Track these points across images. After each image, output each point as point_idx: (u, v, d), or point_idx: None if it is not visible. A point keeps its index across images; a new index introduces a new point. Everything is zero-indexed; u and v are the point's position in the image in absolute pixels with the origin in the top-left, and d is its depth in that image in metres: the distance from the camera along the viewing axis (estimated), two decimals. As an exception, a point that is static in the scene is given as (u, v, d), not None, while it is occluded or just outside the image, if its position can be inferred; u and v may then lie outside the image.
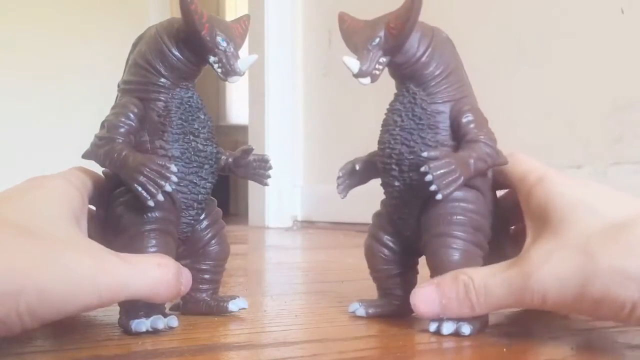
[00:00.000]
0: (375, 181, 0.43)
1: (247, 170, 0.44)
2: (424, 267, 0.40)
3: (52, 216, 0.33)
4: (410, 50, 0.39)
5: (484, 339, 0.36)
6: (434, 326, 0.37)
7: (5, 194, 0.35)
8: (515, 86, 1.10)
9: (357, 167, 0.43)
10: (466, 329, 0.36)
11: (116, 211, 0.39)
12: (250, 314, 0.44)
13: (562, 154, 1.00)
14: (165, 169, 0.37)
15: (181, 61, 0.40)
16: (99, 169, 0.41)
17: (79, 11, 2.31)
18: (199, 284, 0.43)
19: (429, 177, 0.36)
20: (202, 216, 0.43)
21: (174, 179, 0.37)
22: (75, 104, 2.28)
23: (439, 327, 0.36)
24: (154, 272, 0.34)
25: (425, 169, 0.37)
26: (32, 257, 0.29)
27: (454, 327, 0.36)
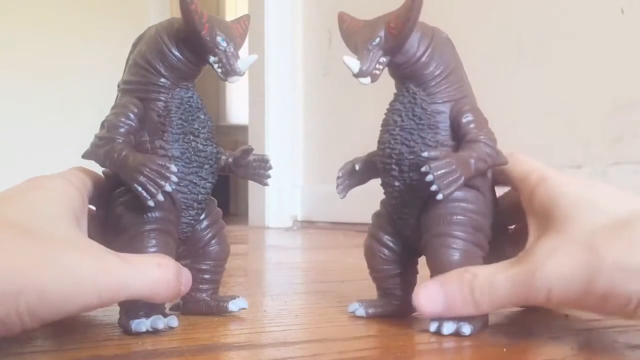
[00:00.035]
0: (375, 181, 0.43)
1: (247, 170, 0.44)
2: (424, 267, 0.40)
3: (52, 216, 0.33)
4: (410, 50, 0.39)
5: (484, 339, 0.36)
6: (434, 326, 0.37)
7: (5, 194, 0.35)
8: (515, 86, 1.10)
9: (357, 167, 0.43)
10: (466, 329, 0.36)
11: (116, 211, 0.39)
12: (250, 314, 0.44)
13: (562, 154, 1.00)
14: (165, 169, 0.37)
15: (181, 61, 0.40)
16: (99, 169, 0.41)
17: (79, 11, 2.32)
18: (199, 284, 0.43)
19: (430, 177, 0.36)
20: (202, 216, 0.43)
21: (174, 179, 0.37)
22: (75, 104, 2.28)
23: (439, 327, 0.36)
24: (154, 272, 0.34)
25: (425, 169, 0.37)
26: (32, 257, 0.29)
27: (454, 327, 0.36)
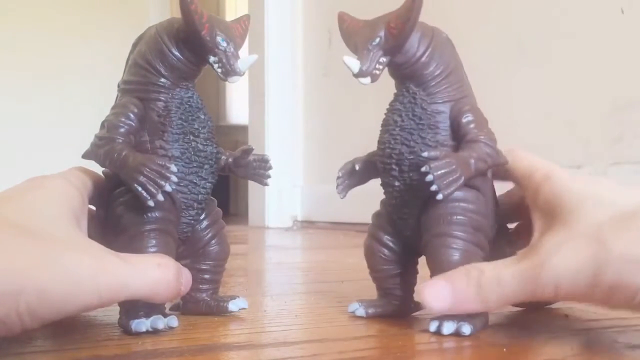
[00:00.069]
0: (375, 181, 0.43)
1: (247, 170, 0.44)
2: (424, 267, 0.40)
3: (52, 216, 0.33)
4: (410, 50, 0.39)
5: (484, 339, 0.36)
6: (434, 326, 0.37)
7: (5, 194, 0.35)
8: (515, 86, 1.10)
9: (357, 167, 0.43)
10: (466, 329, 0.36)
11: (116, 211, 0.39)
12: (250, 314, 0.44)
13: (562, 154, 1.00)
14: (165, 169, 0.37)
15: (181, 61, 0.40)
16: (99, 169, 0.41)
17: (79, 11, 2.32)
18: (199, 284, 0.43)
19: (430, 177, 0.36)
20: (202, 216, 0.43)
21: (174, 179, 0.37)
22: (75, 104, 2.28)
23: (439, 327, 0.36)
24: (154, 272, 0.34)
25: (425, 169, 0.37)
26: (32, 257, 0.29)
27: (454, 327, 0.36)
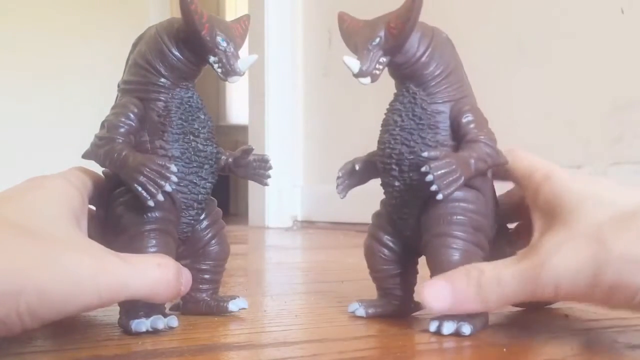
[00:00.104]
0: (375, 181, 0.43)
1: (247, 170, 0.44)
2: (424, 267, 0.40)
3: (52, 216, 0.33)
4: (410, 50, 0.39)
5: (484, 339, 0.36)
6: (434, 326, 0.37)
7: (5, 194, 0.35)
8: (515, 86, 1.10)
9: (357, 167, 0.43)
10: (466, 329, 0.36)
11: (116, 211, 0.39)
12: (250, 314, 0.44)
13: (562, 154, 1.00)
14: (165, 169, 0.37)
15: (181, 61, 0.40)
16: (99, 169, 0.41)
17: (79, 11, 2.31)
18: (199, 284, 0.43)
19: (430, 177, 0.36)
20: (202, 216, 0.43)
21: (174, 179, 0.37)
22: (75, 104, 2.28)
23: (439, 327, 0.36)
24: (154, 272, 0.34)
25: (425, 169, 0.37)
26: (32, 257, 0.29)
27: (454, 327, 0.36)
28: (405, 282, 0.43)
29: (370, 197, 0.47)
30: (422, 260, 0.41)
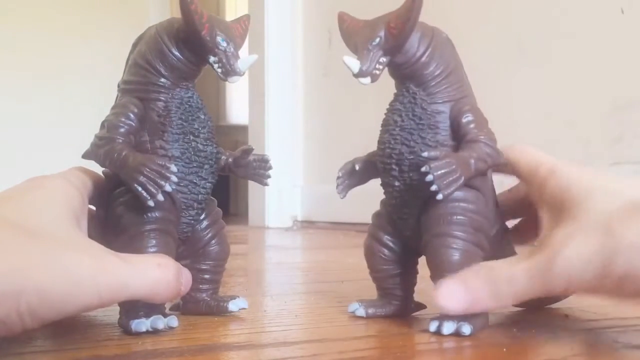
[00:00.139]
0: (375, 181, 0.43)
1: (247, 170, 0.44)
2: (424, 267, 0.40)
3: (52, 216, 0.33)
4: (410, 50, 0.39)
5: (484, 339, 0.36)
6: (434, 326, 0.37)
7: (5, 194, 0.35)
8: (515, 86, 1.10)
9: (357, 167, 0.43)
10: (466, 329, 0.36)
11: (116, 211, 0.39)
12: (250, 314, 0.44)
13: (562, 154, 0.99)
14: (165, 169, 0.37)
15: (181, 61, 0.40)
16: (99, 169, 0.41)
17: (79, 11, 2.31)
18: (199, 284, 0.43)
19: (430, 177, 0.36)
20: (202, 216, 0.43)
21: (174, 179, 0.37)
22: (75, 104, 2.28)
23: (439, 327, 0.36)
24: (154, 273, 0.34)
25: (425, 169, 0.37)
26: (32, 257, 0.29)
27: (454, 327, 0.36)
28: (405, 282, 0.43)
29: (370, 197, 0.47)
30: (422, 260, 0.41)
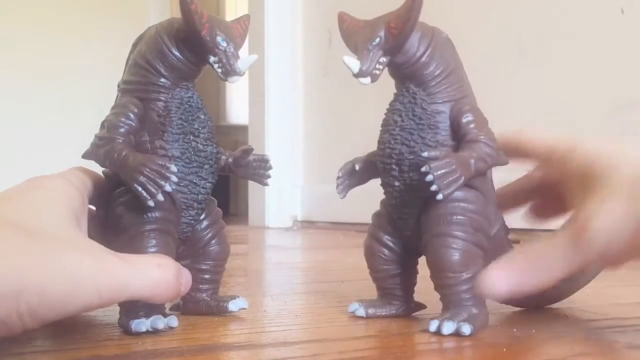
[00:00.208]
0: (375, 181, 0.43)
1: (247, 170, 0.44)
2: (424, 267, 0.40)
3: (52, 216, 0.33)
4: (410, 50, 0.39)
5: (484, 339, 0.36)
6: (434, 326, 0.37)
7: (5, 194, 0.35)
8: (515, 86, 1.10)
9: (357, 167, 0.43)
10: (466, 329, 0.36)
11: (116, 211, 0.39)
12: (250, 314, 0.44)
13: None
14: (165, 169, 0.37)
15: (181, 61, 0.40)
16: (99, 169, 0.41)
17: (79, 11, 2.31)
18: (199, 284, 0.43)
19: (430, 177, 0.36)
20: (202, 216, 0.43)
21: (174, 179, 0.37)
22: (75, 104, 2.28)
23: (439, 327, 0.36)
24: (154, 273, 0.34)
25: (425, 169, 0.37)
26: (32, 257, 0.29)
27: (454, 327, 0.36)
28: (405, 282, 0.43)
29: (370, 197, 0.47)
30: (422, 260, 0.41)
